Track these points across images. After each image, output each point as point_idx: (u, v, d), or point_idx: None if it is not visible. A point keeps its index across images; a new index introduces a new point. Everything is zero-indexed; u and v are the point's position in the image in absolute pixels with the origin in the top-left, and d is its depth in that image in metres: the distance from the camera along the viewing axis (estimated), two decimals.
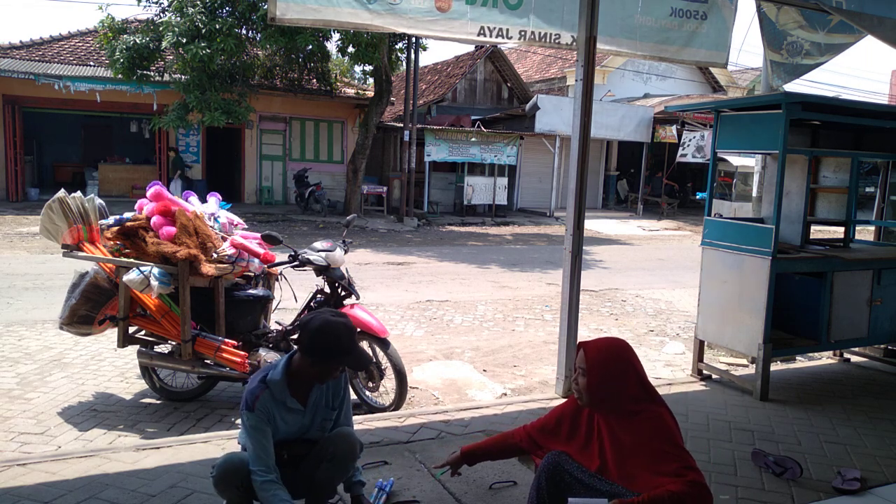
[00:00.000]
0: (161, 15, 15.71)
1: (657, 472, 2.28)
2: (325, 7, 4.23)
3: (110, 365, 5.43)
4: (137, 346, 4.59)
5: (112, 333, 4.79)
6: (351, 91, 20.27)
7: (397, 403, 4.53)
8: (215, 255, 4.39)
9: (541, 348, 6.41)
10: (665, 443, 2.33)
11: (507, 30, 4.77)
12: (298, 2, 4.14)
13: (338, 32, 15.75)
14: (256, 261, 4.65)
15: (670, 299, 9.09)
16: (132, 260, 4.33)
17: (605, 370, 2.44)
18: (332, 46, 17.52)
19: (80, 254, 4.45)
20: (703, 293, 5.15)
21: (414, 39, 17.39)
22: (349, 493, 2.90)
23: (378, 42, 15.14)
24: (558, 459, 2.52)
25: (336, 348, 2.57)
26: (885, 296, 5.12)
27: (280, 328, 4.73)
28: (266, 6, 10.99)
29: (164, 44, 14.64)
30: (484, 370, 5.70)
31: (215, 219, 4.77)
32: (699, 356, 5.28)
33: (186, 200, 4.77)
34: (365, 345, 4.54)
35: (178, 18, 14.52)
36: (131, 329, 4.58)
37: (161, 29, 14.78)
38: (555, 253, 12.96)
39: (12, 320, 6.65)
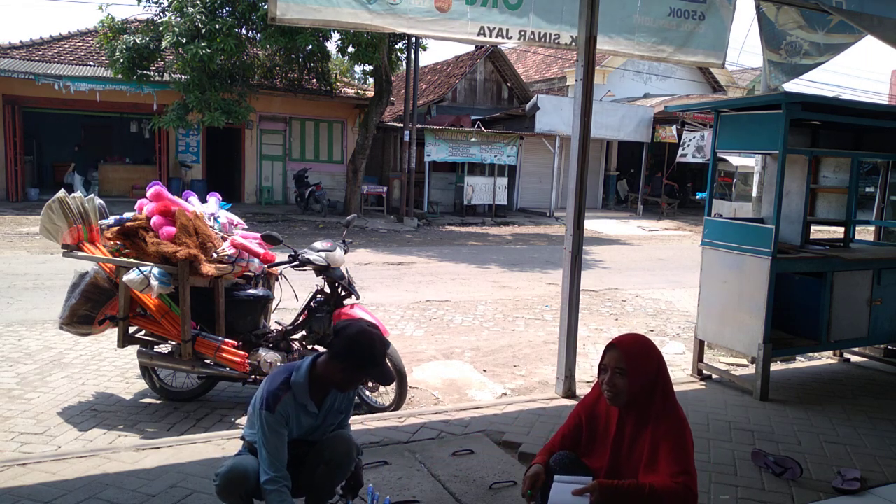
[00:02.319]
0: (161, 15, 15.71)
1: (656, 469, 2.29)
2: (325, 7, 4.23)
3: (110, 365, 5.43)
4: (137, 346, 4.59)
5: (112, 333, 4.79)
6: (351, 91, 20.27)
7: (397, 403, 4.53)
8: (215, 255, 4.39)
9: (541, 348, 6.41)
10: (676, 446, 2.33)
11: (507, 30, 4.77)
12: (299, 2, 4.14)
13: (338, 32, 15.75)
14: (256, 261, 4.65)
15: (670, 299, 9.09)
16: (132, 260, 4.33)
17: (647, 369, 2.39)
18: (332, 46, 17.56)
19: (80, 254, 4.45)
20: (703, 293, 5.15)
21: (414, 39, 17.39)
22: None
23: (378, 42, 15.14)
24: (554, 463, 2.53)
25: (369, 358, 2.57)
26: (885, 296, 5.12)
27: (280, 328, 4.73)
28: (266, 6, 10.97)
29: (164, 44, 14.64)
30: (484, 370, 5.70)
31: (215, 219, 4.77)
32: (699, 356, 5.28)
33: (186, 200, 4.78)
34: None
35: (178, 18, 14.53)
36: (131, 329, 4.58)
37: (161, 29, 14.79)
38: (555, 253, 12.96)
39: (12, 320, 6.65)
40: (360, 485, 2.90)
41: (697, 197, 23.93)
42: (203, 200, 4.92)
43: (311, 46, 15.71)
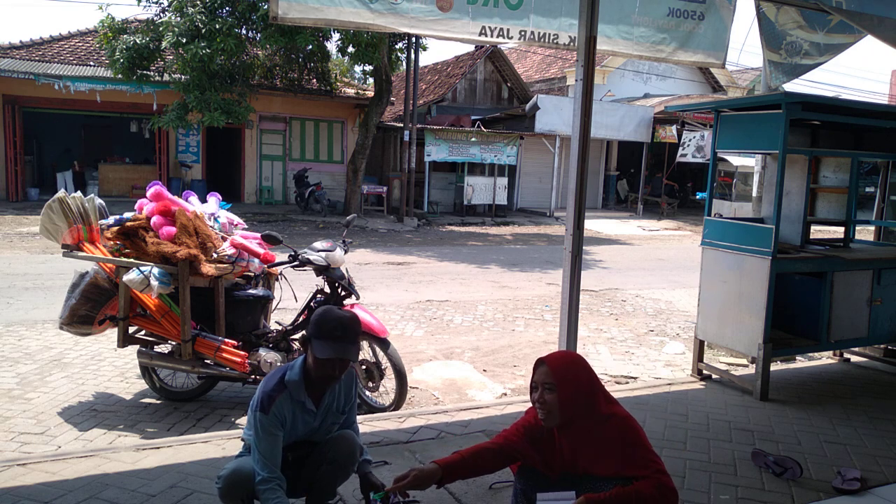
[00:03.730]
0: (161, 15, 15.72)
1: (627, 476, 2.29)
2: (327, 6, 4.22)
3: (110, 365, 5.43)
4: (137, 346, 4.59)
5: (112, 333, 4.80)
6: (351, 91, 20.27)
7: (397, 403, 4.53)
8: (215, 255, 4.39)
9: (541, 348, 6.41)
10: (635, 447, 2.31)
11: (508, 30, 4.77)
12: (300, 1, 4.13)
13: (338, 32, 15.75)
14: (256, 261, 4.65)
15: (670, 299, 9.09)
16: (132, 260, 4.33)
17: (577, 382, 2.36)
18: (332, 46, 17.58)
19: (80, 254, 4.45)
20: (703, 293, 5.15)
21: (414, 39, 17.39)
22: (357, 472, 2.81)
23: (378, 42, 15.15)
24: (525, 487, 2.54)
25: (324, 330, 2.53)
26: (885, 296, 5.13)
27: (280, 328, 4.73)
28: (266, 6, 10.96)
29: (164, 44, 14.65)
30: (484, 370, 5.70)
31: (215, 219, 4.77)
32: (699, 356, 5.28)
33: (186, 200, 4.78)
34: (365, 345, 4.54)
35: (178, 18, 14.54)
36: (131, 329, 4.58)
37: (161, 29, 14.79)
38: (555, 253, 12.96)
39: (12, 320, 6.65)
40: (378, 487, 2.66)
41: (697, 197, 23.94)
42: (203, 200, 4.92)
43: (311, 46, 15.73)
